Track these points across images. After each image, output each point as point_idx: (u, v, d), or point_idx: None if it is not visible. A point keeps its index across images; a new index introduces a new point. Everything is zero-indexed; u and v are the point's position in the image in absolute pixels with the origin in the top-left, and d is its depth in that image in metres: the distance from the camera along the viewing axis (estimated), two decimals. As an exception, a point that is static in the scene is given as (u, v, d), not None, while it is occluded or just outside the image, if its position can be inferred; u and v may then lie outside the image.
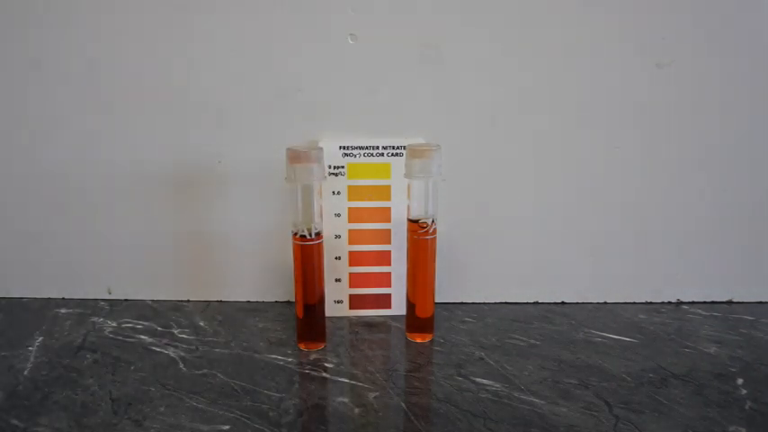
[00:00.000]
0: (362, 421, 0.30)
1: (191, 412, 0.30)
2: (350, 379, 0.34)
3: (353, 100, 0.41)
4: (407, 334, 0.39)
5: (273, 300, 0.45)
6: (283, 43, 0.40)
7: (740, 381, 0.34)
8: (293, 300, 0.45)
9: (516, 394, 0.32)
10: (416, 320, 0.39)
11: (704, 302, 0.46)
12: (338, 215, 0.42)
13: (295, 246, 0.36)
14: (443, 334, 0.40)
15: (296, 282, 0.37)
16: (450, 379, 0.34)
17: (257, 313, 0.43)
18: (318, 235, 0.35)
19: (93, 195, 0.42)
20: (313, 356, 0.36)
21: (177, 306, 0.44)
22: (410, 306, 0.39)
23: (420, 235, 0.36)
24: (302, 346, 0.38)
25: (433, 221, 0.36)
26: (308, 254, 0.36)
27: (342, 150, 0.41)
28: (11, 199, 0.43)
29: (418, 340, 0.39)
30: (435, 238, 0.37)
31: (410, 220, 0.37)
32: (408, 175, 0.35)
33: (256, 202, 0.44)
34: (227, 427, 0.29)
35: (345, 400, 0.32)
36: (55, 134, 0.42)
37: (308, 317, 0.37)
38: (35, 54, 0.41)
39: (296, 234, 0.35)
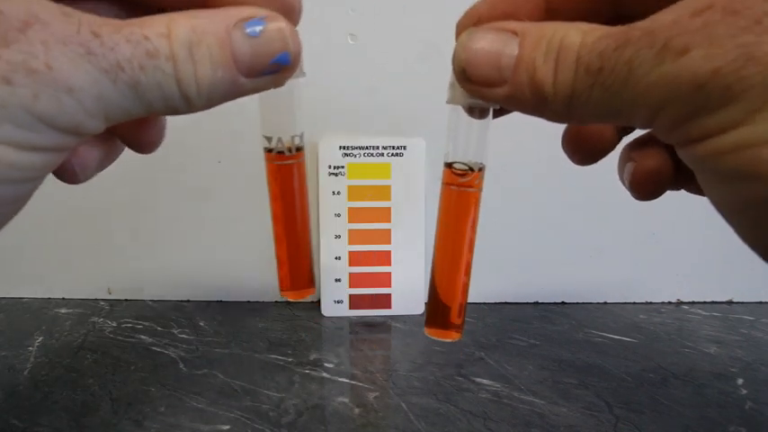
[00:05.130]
0: (362, 421, 0.30)
1: (191, 412, 0.30)
2: (350, 379, 0.34)
3: (353, 100, 0.41)
4: (426, 329, 0.27)
5: (273, 300, 0.45)
6: (283, 43, 0.40)
7: (740, 381, 0.34)
8: (293, 300, 0.45)
9: (516, 394, 0.32)
10: (440, 311, 0.27)
11: (704, 302, 0.46)
12: (338, 215, 0.42)
13: (272, 168, 0.26)
14: (443, 334, 0.40)
15: (275, 217, 0.28)
16: (450, 379, 0.34)
17: (257, 313, 0.43)
18: (299, 151, 0.26)
19: (92, 195, 0.42)
20: (313, 356, 0.36)
21: (177, 306, 0.44)
22: (433, 292, 0.27)
23: (460, 184, 0.25)
24: (289, 296, 0.29)
25: (480, 170, 0.24)
26: (289, 179, 0.27)
27: (342, 150, 0.41)
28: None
29: (437, 338, 0.27)
30: (478, 193, 0.25)
31: (446, 165, 0.25)
32: (454, 98, 0.23)
33: (256, 202, 0.44)
34: (227, 427, 0.29)
35: (345, 400, 0.32)
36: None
37: (295, 256, 0.29)
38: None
39: (271, 151, 0.26)
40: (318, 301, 0.43)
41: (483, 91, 0.19)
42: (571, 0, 0.19)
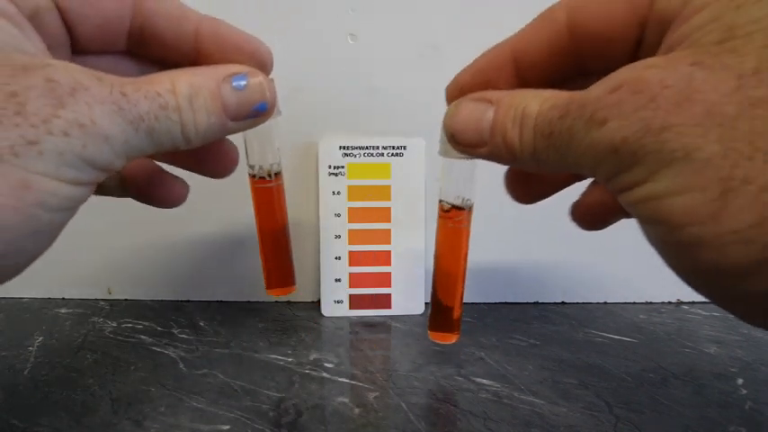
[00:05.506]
0: (362, 421, 0.30)
1: (191, 412, 0.30)
2: (350, 379, 0.34)
3: (353, 100, 0.41)
4: (431, 333, 0.34)
5: (273, 300, 0.45)
6: (283, 43, 0.40)
7: (740, 381, 0.34)
8: (293, 300, 0.45)
9: (516, 394, 0.32)
10: (442, 317, 0.33)
11: (704, 302, 0.46)
12: (338, 215, 0.42)
13: (255, 190, 0.33)
14: (443, 334, 0.40)
15: (260, 232, 0.34)
16: (450, 379, 0.34)
17: (257, 313, 0.43)
18: (278, 176, 0.32)
19: (92, 195, 0.42)
20: (313, 356, 0.36)
21: (177, 306, 0.44)
22: (435, 303, 0.33)
23: (454, 221, 0.31)
24: (273, 293, 0.35)
25: (469, 209, 0.31)
26: (270, 198, 0.33)
27: (342, 150, 0.41)
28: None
29: (440, 341, 0.34)
30: (468, 227, 0.32)
31: (440, 201, 0.31)
32: (446, 153, 0.28)
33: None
34: (227, 427, 0.29)
35: (345, 400, 0.32)
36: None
37: (276, 264, 0.35)
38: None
39: (254, 176, 0.32)
40: (318, 301, 0.43)
41: (468, 150, 0.23)
42: (535, 68, 0.23)
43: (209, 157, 0.27)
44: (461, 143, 0.24)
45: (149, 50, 0.23)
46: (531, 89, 0.22)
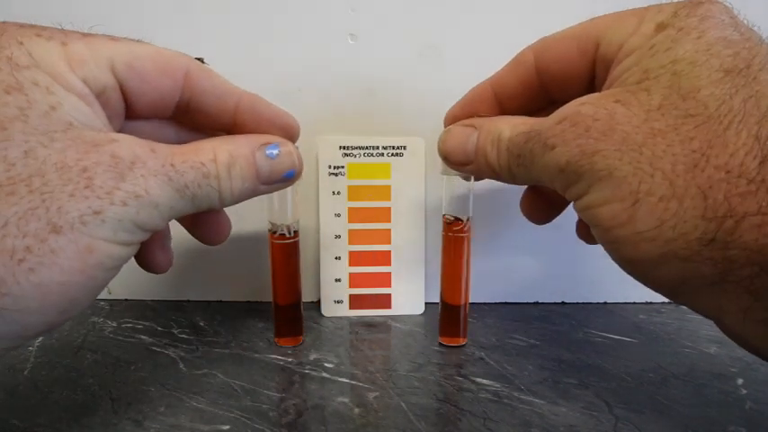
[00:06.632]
0: (362, 421, 0.30)
1: (191, 412, 0.30)
2: (350, 379, 0.34)
3: (353, 100, 0.41)
4: (441, 338, 0.38)
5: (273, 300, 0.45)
6: (283, 43, 0.40)
7: (740, 381, 0.34)
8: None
9: (516, 394, 0.32)
10: (451, 323, 0.38)
11: (704, 302, 0.46)
12: (338, 215, 0.42)
13: (274, 245, 0.36)
14: (443, 334, 0.40)
15: (275, 282, 0.37)
16: (450, 379, 0.34)
17: (257, 313, 0.43)
18: (296, 233, 0.36)
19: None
20: (313, 356, 0.36)
21: (177, 306, 0.44)
22: (443, 309, 0.38)
23: (454, 231, 0.36)
24: (281, 342, 0.38)
25: (467, 220, 0.36)
26: (289, 253, 0.36)
27: (342, 150, 0.41)
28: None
29: (450, 344, 0.38)
30: (468, 236, 0.36)
31: (443, 215, 0.36)
32: (445, 171, 0.33)
33: (257, 202, 0.43)
34: (227, 427, 0.29)
35: (345, 400, 0.32)
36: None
37: (286, 314, 0.38)
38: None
39: (275, 233, 0.35)
40: (318, 301, 0.43)
41: (459, 168, 0.29)
42: (512, 99, 0.28)
43: (206, 228, 0.30)
44: (453, 162, 0.29)
45: (192, 119, 0.26)
46: (506, 117, 0.27)
